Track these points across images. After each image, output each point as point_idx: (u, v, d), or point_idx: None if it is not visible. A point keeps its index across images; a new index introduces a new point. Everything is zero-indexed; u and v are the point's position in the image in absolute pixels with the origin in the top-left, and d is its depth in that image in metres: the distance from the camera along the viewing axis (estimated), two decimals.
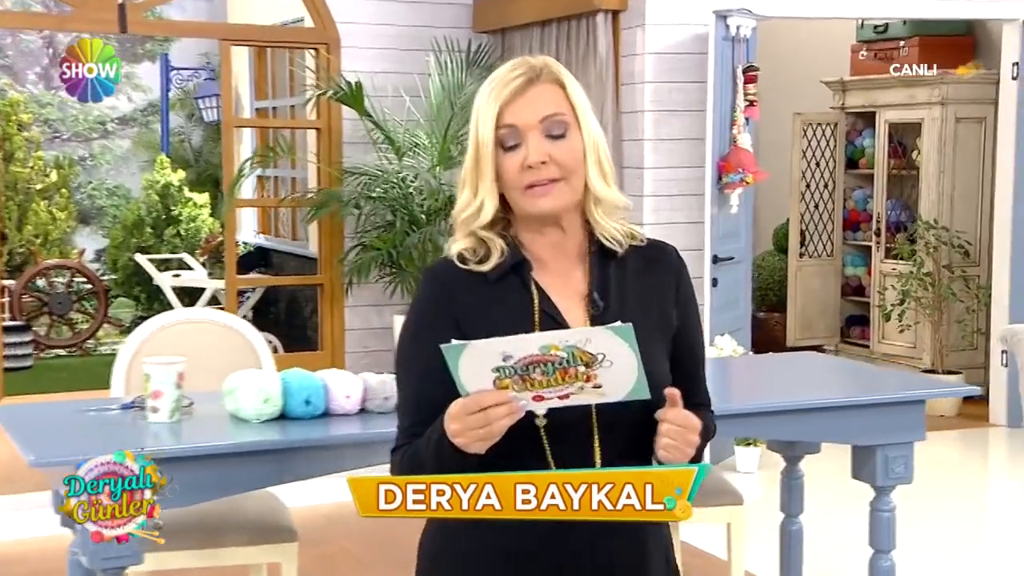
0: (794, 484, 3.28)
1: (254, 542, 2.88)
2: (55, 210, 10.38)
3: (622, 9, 6.46)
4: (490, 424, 1.62)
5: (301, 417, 2.58)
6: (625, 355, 1.61)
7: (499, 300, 1.80)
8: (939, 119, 7.67)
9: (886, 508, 2.96)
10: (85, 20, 6.88)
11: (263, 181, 9.53)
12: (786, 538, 3.31)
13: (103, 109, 11.56)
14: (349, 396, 2.63)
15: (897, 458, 2.88)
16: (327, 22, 7.43)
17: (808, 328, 8.55)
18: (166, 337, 3.22)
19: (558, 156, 1.76)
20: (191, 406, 2.69)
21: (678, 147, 6.36)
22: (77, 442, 2.45)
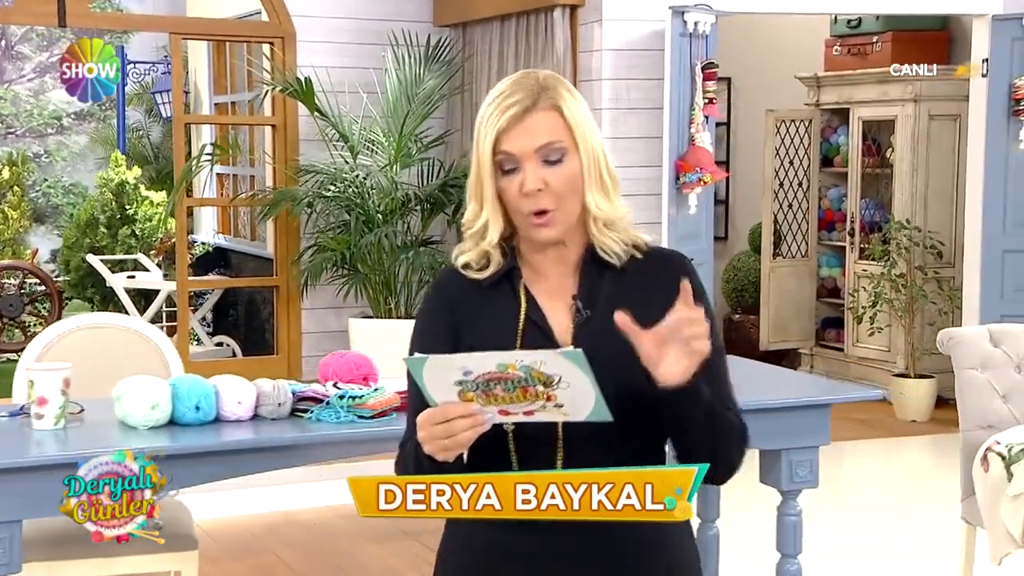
0: (710, 489, 3.37)
1: (152, 550, 2.96)
2: (7, 209, 10.46)
3: (580, 4, 6.56)
4: (454, 435, 1.73)
5: (191, 423, 2.67)
6: (580, 379, 1.70)
7: (490, 306, 1.92)
8: (912, 116, 7.78)
9: (792, 512, 3.06)
10: (25, 13, 6.95)
11: (223, 179, 9.61)
12: (702, 543, 3.39)
13: (59, 104, 11.64)
14: (241, 402, 2.72)
15: (802, 462, 2.97)
16: (282, 16, 7.52)
17: (782, 331, 8.64)
18: (71, 342, 3.31)
19: (554, 183, 1.85)
20: (81, 412, 2.77)
21: (636, 145, 6.45)
22: None
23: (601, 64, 6.42)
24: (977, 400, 4.19)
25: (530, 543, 1.85)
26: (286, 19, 7.51)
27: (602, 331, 1.86)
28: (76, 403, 2.77)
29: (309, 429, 2.74)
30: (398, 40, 7.24)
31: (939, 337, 4.34)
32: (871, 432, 7.43)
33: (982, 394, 4.19)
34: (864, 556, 5.15)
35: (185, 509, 3.18)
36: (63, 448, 2.56)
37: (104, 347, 3.30)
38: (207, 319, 9.21)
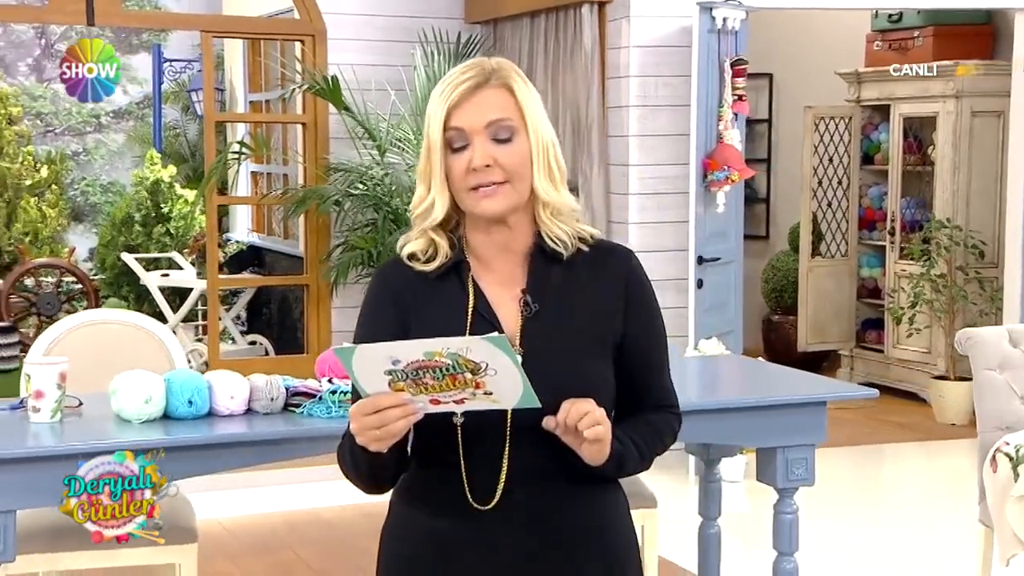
0: (711, 487, 3.43)
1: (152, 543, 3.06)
2: (46, 207, 10.67)
3: (608, 1, 6.62)
4: (386, 425, 1.78)
5: (184, 417, 2.77)
6: (506, 364, 1.75)
7: (438, 299, 1.96)
8: (954, 113, 7.75)
9: (788, 511, 3.11)
10: (59, 12, 7.12)
11: (257, 177, 9.76)
12: (703, 541, 3.46)
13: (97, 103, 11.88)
14: (233, 397, 2.81)
15: (798, 460, 3.02)
16: (313, 13, 7.64)
17: (821, 332, 8.64)
18: (77, 337, 3.43)
19: (503, 160, 1.90)
20: (80, 406, 2.88)
21: (663, 143, 6.51)
22: None
23: (629, 61, 6.47)
24: (995, 401, 4.20)
25: (467, 531, 1.92)
26: (317, 17, 7.63)
27: (550, 324, 1.93)
28: (74, 397, 2.88)
29: (300, 424, 2.83)
30: (427, 37, 7.34)
31: (957, 337, 4.36)
32: (910, 435, 7.43)
33: (1000, 395, 4.20)
34: (894, 557, 5.18)
35: (187, 503, 3.29)
36: (58, 440, 2.66)
37: (109, 342, 3.42)
38: (241, 317, 9.35)
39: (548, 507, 1.94)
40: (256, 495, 5.71)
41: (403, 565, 1.99)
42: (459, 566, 1.94)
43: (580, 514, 1.96)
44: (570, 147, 6.95)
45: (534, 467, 1.92)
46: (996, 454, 3.72)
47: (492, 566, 1.93)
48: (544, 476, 1.93)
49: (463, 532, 1.93)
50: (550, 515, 1.94)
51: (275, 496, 5.70)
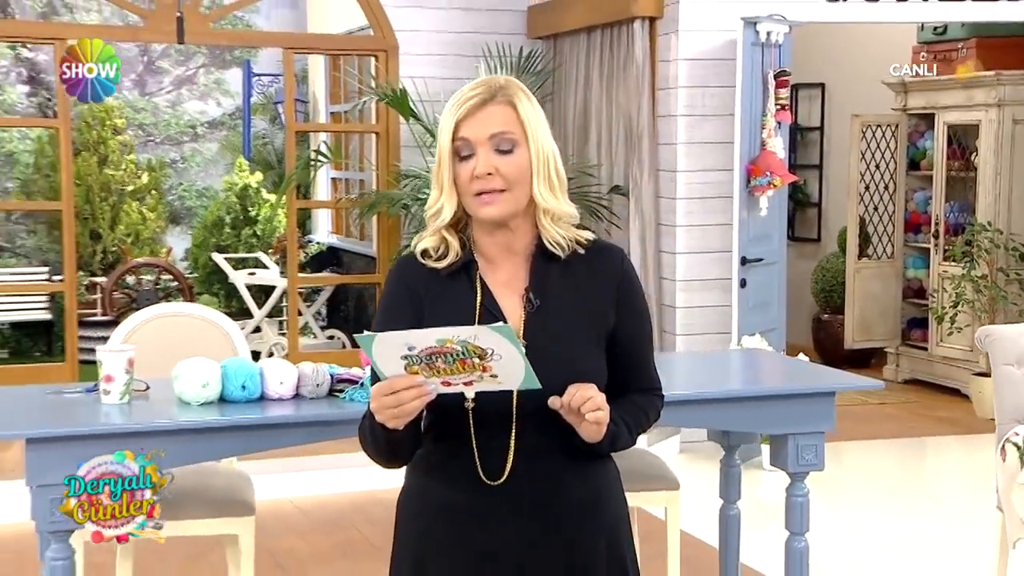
0: (731, 472, 3.48)
1: (213, 515, 3.20)
2: (146, 210, 10.94)
3: (658, 16, 6.66)
4: (402, 404, 1.87)
5: (238, 400, 2.89)
6: (509, 350, 1.84)
7: (449, 294, 2.06)
8: (996, 121, 7.69)
9: (799, 494, 3.15)
10: (154, 32, 7.33)
11: (336, 183, 9.94)
12: (724, 522, 3.51)
13: (193, 114, 12.15)
14: (283, 382, 2.93)
15: (808, 446, 3.06)
16: (386, 30, 7.77)
17: (867, 331, 8.60)
18: (151, 329, 3.57)
19: (504, 169, 1.99)
20: (147, 390, 3.01)
21: (710, 150, 6.53)
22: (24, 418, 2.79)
23: (677, 73, 6.51)
24: (1013, 395, 4.20)
25: (479, 504, 2.01)
26: (390, 33, 7.76)
27: (551, 319, 2.02)
28: (141, 381, 3.01)
29: (343, 407, 2.94)
30: (491, 52, 7.44)
31: (978, 334, 4.36)
32: (951, 429, 7.38)
33: (1018, 389, 4.20)
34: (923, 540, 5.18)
35: (247, 479, 3.41)
36: (125, 420, 2.80)
37: (180, 333, 3.55)
38: (321, 313, 9.53)
39: (551, 482, 2.02)
40: (325, 477, 5.85)
41: (418, 533, 2.08)
42: (470, 535, 2.02)
43: (579, 487, 2.05)
44: (623, 154, 7.01)
45: (538, 447, 2.00)
46: (1005, 444, 3.72)
47: (500, 535, 2.01)
48: (547, 454, 2.01)
49: (475, 505, 2.01)
50: (553, 489, 2.02)
51: (343, 478, 5.82)
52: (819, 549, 5.12)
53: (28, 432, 2.69)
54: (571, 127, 7.58)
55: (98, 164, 10.76)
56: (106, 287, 9.89)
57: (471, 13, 7.85)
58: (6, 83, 11.71)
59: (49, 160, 10.47)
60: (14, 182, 11.41)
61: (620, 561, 2.10)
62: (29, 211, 11.18)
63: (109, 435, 2.72)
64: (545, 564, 2.02)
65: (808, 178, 10.10)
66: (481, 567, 2.01)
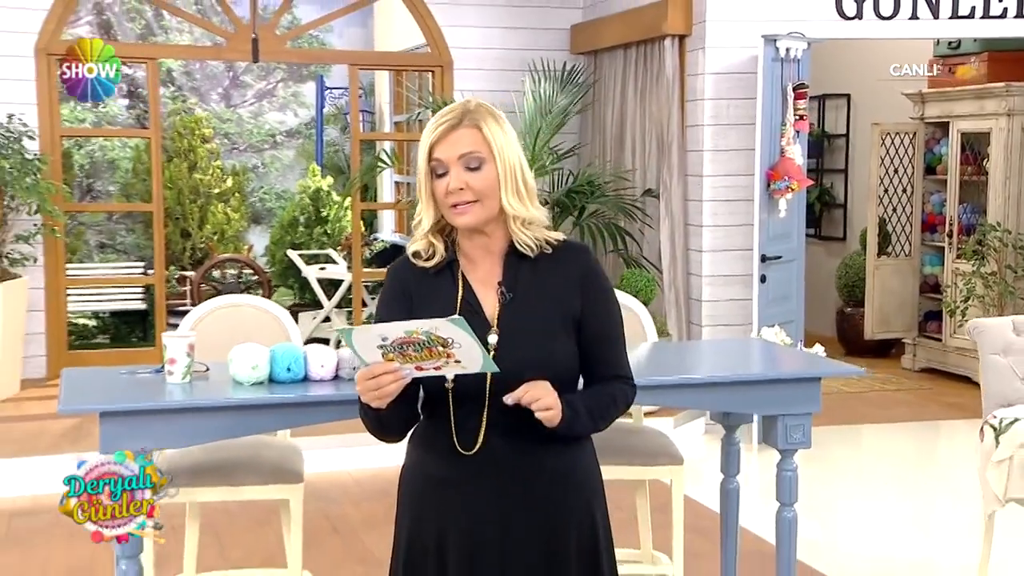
0: (731, 449, 3.55)
1: (266, 482, 3.33)
2: (230, 211, 11.16)
3: (687, 34, 6.71)
4: (381, 387, 2.00)
5: (284, 381, 3.01)
6: (467, 339, 1.94)
7: (436, 289, 2.17)
8: (1006, 129, 7.64)
9: (789, 468, 3.21)
10: (232, 51, 7.52)
11: (399, 186, 10.09)
12: (724, 494, 3.58)
13: (273, 124, 12.36)
14: (323, 365, 3.05)
15: (796, 426, 3.11)
16: (442, 48, 7.90)
17: (886, 323, 8.58)
18: (217, 318, 3.72)
19: (473, 184, 2.10)
20: (207, 371, 3.15)
21: (734, 157, 6.58)
22: (99, 395, 2.94)
23: (704, 86, 6.56)
24: (999, 382, 4.22)
25: (456, 471, 2.12)
26: (445, 50, 7.89)
27: (521, 309, 2.12)
28: (202, 363, 3.15)
29: None
30: (536, 66, 7.53)
31: (968, 326, 4.39)
32: (960, 414, 7.34)
33: (1003, 377, 4.22)
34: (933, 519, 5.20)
35: (297, 451, 3.54)
36: (186, 397, 2.93)
37: (241, 321, 3.70)
38: None
39: (521, 453, 2.12)
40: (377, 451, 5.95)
41: (411, 500, 2.20)
42: (454, 500, 2.13)
43: (551, 458, 2.14)
44: (655, 160, 7.07)
45: (508, 421, 2.10)
46: (984, 426, 3.76)
47: (480, 500, 2.11)
48: (517, 428, 2.10)
49: (452, 472, 2.12)
50: (523, 459, 2.12)
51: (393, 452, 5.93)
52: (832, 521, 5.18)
53: (102, 407, 2.83)
54: (609, 135, 7.65)
55: (188, 169, 11.01)
56: (194, 280, 10.12)
57: (519, 31, 7.95)
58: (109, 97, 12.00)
59: (145, 166, 10.73)
60: (115, 185, 11.70)
61: (592, 524, 2.18)
62: (127, 212, 11.46)
63: (170, 410, 2.87)
64: (523, 526, 2.12)
65: (834, 181, 10.07)
66: (467, 529, 2.12)
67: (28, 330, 7.21)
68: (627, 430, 3.66)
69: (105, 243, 11.67)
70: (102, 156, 11.69)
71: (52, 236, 7.24)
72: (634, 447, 3.54)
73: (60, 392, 2.95)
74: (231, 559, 4.47)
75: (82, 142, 11.66)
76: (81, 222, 11.00)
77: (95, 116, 11.88)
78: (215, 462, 3.36)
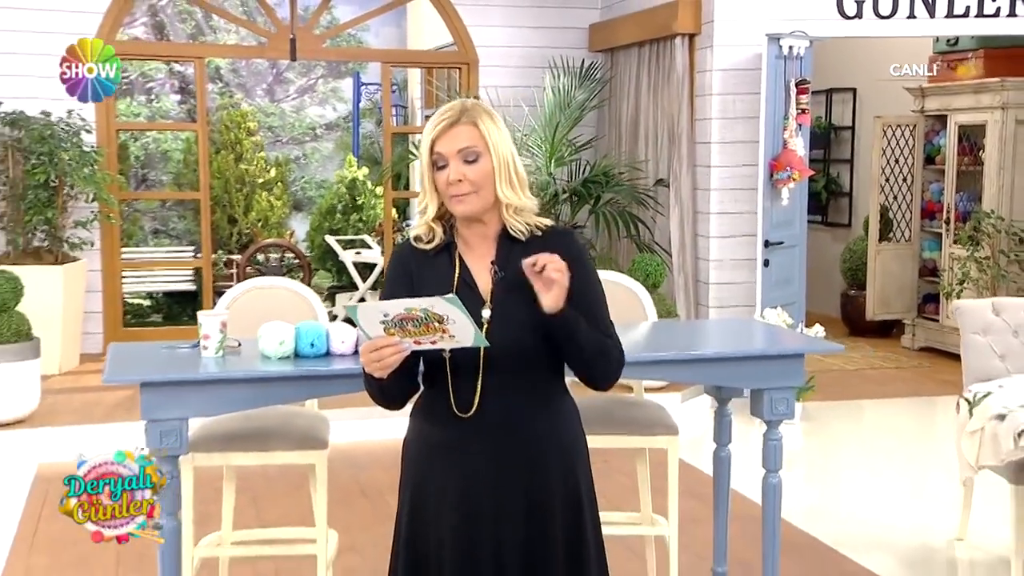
0: (723, 420, 3.61)
1: (294, 448, 3.42)
2: (273, 199, 11.27)
3: (696, 33, 6.74)
4: (383, 359, 2.09)
5: (308, 355, 3.09)
6: (459, 316, 2.02)
7: (435, 269, 2.25)
8: (1001, 122, 7.61)
9: (774, 438, 3.26)
10: (272, 50, 7.62)
11: None
12: (717, 461, 3.65)
13: (314, 118, 12.45)
14: (344, 341, 3.13)
15: (780, 399, 3.16)
16: (468, 46, 7.96)
17: (887, 305, 8.58)
18: (251, 298, 3.81)
19: (470, 176, 2.17)
20: (239, 347, 3.24)
21: (740, 148, 6.61)
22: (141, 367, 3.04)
23: (712, 82, 6.59)
24: (978, 359, 4.27)
25: (454, 434, 2.21)
26: (471, 49, 7.95)
27: (513, 286, 2.20)
28: (234, 339, 3.24)
29: None
30: (556, 63, 7.58)
31: (951, 307, 4.42)
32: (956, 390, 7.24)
33: (983, 354, 4.27)
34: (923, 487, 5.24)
35: (324, 420, 3.62)
36: (219, 369, 3.02)
37: (273, 301, 3.78)
38: None
39: (513, 415, 2.20)
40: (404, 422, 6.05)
41: (413, 466, 2.29)
42: (453, 459, 2.21)
43: (538, 421, 2.22)
44: (666, 151, 7.11)
45: (501, 386, 2.18)
46: (960, 399, 3.80)
47: (476, 458, 2.20)
48: (510, 393, 2.19)
49: (450, 435, 2.21)
50: (514, 422, 2.20)
51: None
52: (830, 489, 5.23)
53: (143, 378, 2.93)
54: (624, 128, 7.70)
55: (234, 160, 11.13)
56: (240, 263, 10.25)
57: (540, 31, 8.00)
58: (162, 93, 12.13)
59: (194, 157, 10.85)
60: (167, 175, 11.84)
61: (575, 482, 2.26)
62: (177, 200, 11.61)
63: (204, 381, 2.96)
64: (514, 482, 2.20)
65: (840, 171, 10.06)
66: (463, 484, 2.21)
67: (86, 309, 7.37)
68: (629, 403, 3.73)
69: (159, 228, 11.82)
70: (155, 148, 11.83)
71: (107, 222, 7.38)
72: (635, 418, 3.61)
73: (106, 364, 3.06)
74: (267, 519, 4.58)
75: (137, 135, 11.81)
76: (137, 209, 11.15)
77: (149, 111, 12.03)
78: (249, 430, 3.46)
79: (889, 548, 4.31)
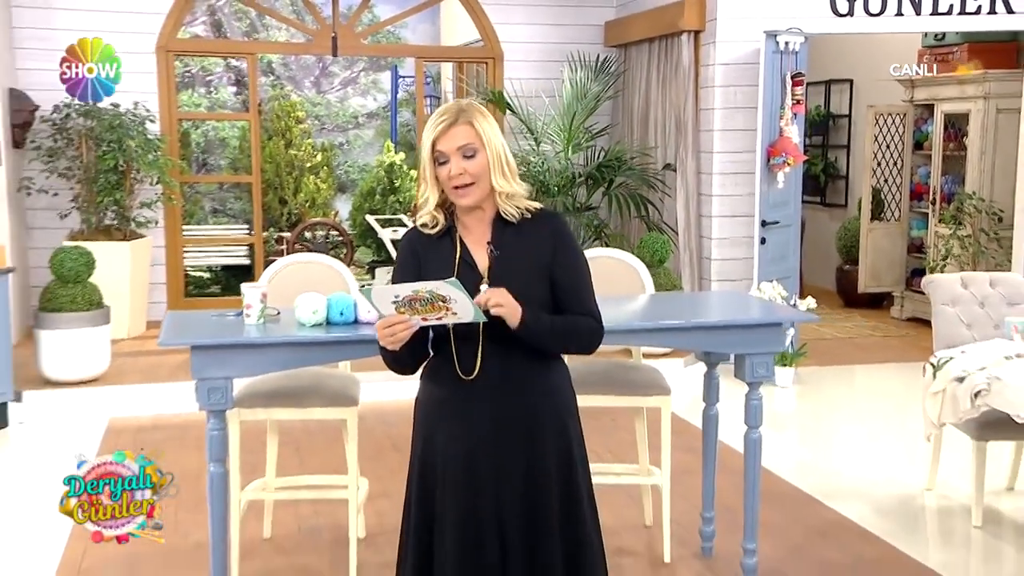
0: (712, 383, 3.68)
1: (327, 405, 3.55)
2: (319, 182, 11.40)
3: (701, 30, 6.76)
4: (395, 334, 2.21)
5: (338, 323, 3.20)
6: (460, 296, 2.14)
7: (439, 251, 2.35)
8: (983, 110, 7.58)
9: (755, 398, 3.32)
10: (315, 47, 7.70)
11: None
12: (706, 419, 3.73)
13: (356, 107, 12.56)
14: (370, 311, 3.22)
15: (760, 363, 3.22)
16: (494, 42, 8.01)
17: (877, 278, 8.59)
18: (290, 272, 3.93)
19: (470, 170, 2.27)
20: (278, 315, 3.35)
21: (740, 136, 6.64)
22: (192, 332, 3.16)
23: (714, 74, 6.62)
24: (947, 328, 4.31)
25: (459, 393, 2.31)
26: (497, 45, 8.01)
27: (507, 263, 2.30)
28: (274, 308, 3.35)
29: None
30: (574, 58, 7.62)
31: (923, 281, 4.46)
32: None
33: (951, 323, 4.31)
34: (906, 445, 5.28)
35: (355, 381, 3.73)
36: (260, 335, 3.13)
37: (310, 275, 3.90)
38: None
39: (512, 376, 2.30)
40: None
41: (423, 424, 2.39)
42: (458, 417, 2.31)
43: (533, 381, 2.32)
44: (673, 138, 7.15)
45: (500, 350, 2.28)
46: (926, 364, 3.86)
47: (479, 415, 2.30)
48: (508, 356, 2.28)
49: (456, 394, 2.31)
50: (511, 382, 2.29)
51: None
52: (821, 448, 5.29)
53: (194, 341, 3.05)
54: (635, 117, 7.73)
55: (284, 146, 11.26)
56: (290, 240, 10.39)
57: (559, 27, 8.03)
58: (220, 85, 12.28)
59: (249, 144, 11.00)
60: (225, 160, 12.00)
61: (567, 437, 2.36)
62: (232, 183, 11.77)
63: (245, 345, 3.08)
64: (512, 435, 2.30)
65: (838, 156, 10.03)
66: (467, 437, 2.31)
67: (152, 280, 7.54)
68: (628, 367, 3.82)
69: (217, 208, 11.99)
70: (215, 135, 11.99)
71: (170, 203, 7.53)
72: (632, 381, 3.70)
73: (161, 330, 3.18)
74: (308, 468, 4.72)
75: (199, 123, 11.96)
76: (197, 191, 11.32)
77: (208, 101, 12.18)
78: (288, 388, 3.58)
79: (865, 497, 4.38)
